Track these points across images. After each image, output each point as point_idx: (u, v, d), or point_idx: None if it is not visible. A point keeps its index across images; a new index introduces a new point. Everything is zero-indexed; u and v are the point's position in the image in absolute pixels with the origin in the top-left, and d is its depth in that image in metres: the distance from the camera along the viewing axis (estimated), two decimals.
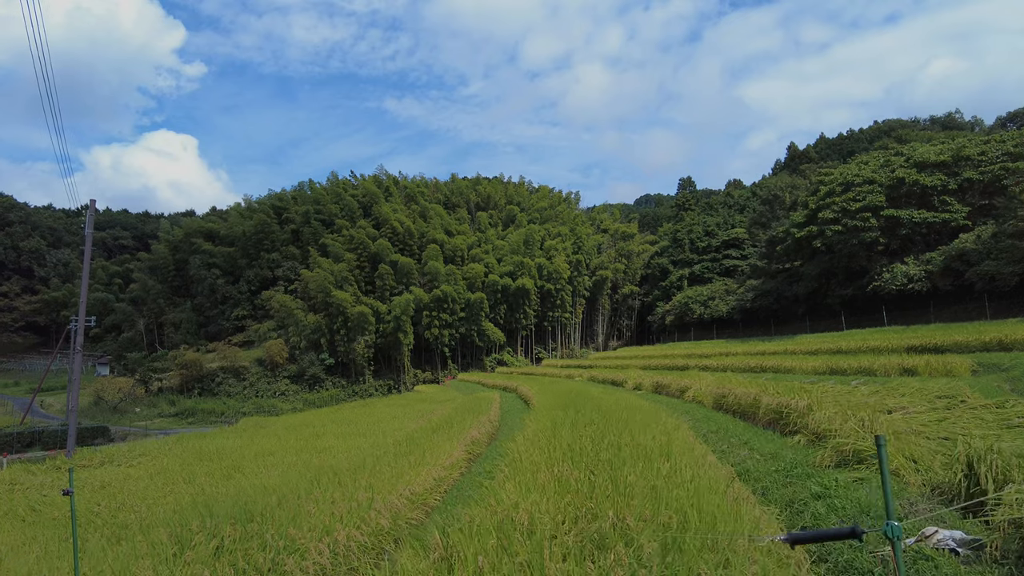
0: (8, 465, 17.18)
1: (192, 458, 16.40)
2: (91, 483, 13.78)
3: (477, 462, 13.25)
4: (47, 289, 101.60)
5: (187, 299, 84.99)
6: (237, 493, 11.91)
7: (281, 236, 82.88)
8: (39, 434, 46.12)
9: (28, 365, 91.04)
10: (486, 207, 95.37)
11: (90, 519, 10.37)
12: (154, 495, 12.34)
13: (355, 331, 68.52)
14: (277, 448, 17.48)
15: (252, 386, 66.28)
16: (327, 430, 22.08)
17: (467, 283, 75.00)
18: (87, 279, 23.02)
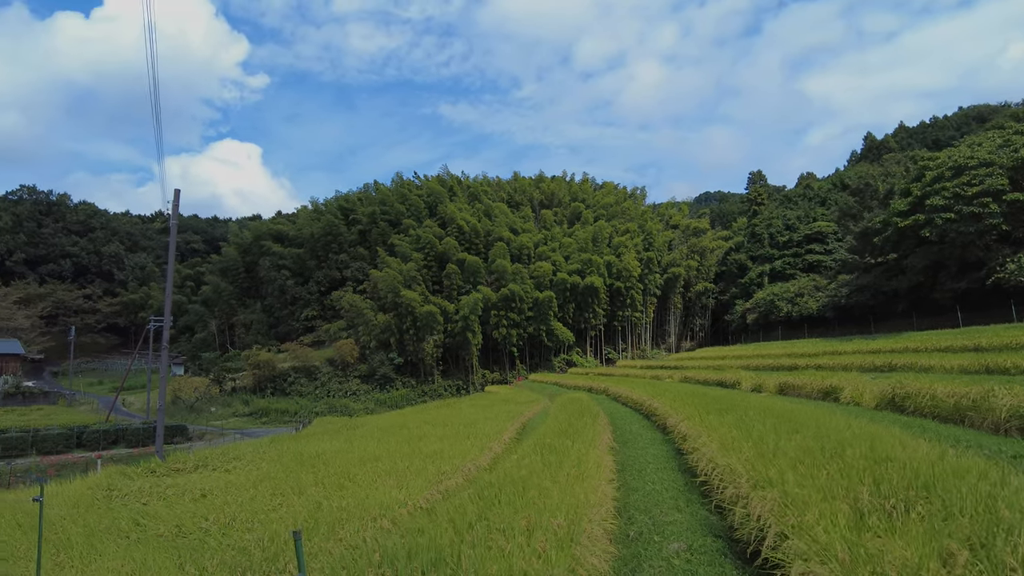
0: (102, 467, 16.26)
1: (293, 463, 14.97)
2: (190, 491, 12.42)
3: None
4: (126, 292, 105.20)
5: (257, 300, 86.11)
6: (359, 507, 10.24)
7: (349, 237, 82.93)
8: (123, 431, 46.70)
9: (110, 365, 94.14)
10: (550, 204, 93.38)
11: (202, 539, 8.83)
12: (263, 507, 10.80)
13: (424, 331, 67.59)
14: (382, 453, 15.90)
15: (324, 386, 66.13)
16: (424, 432, 20.47)
17: (534, 282, 73.15)
18: (172, 271, 22.13)
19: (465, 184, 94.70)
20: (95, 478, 14.15)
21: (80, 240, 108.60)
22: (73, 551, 8.06)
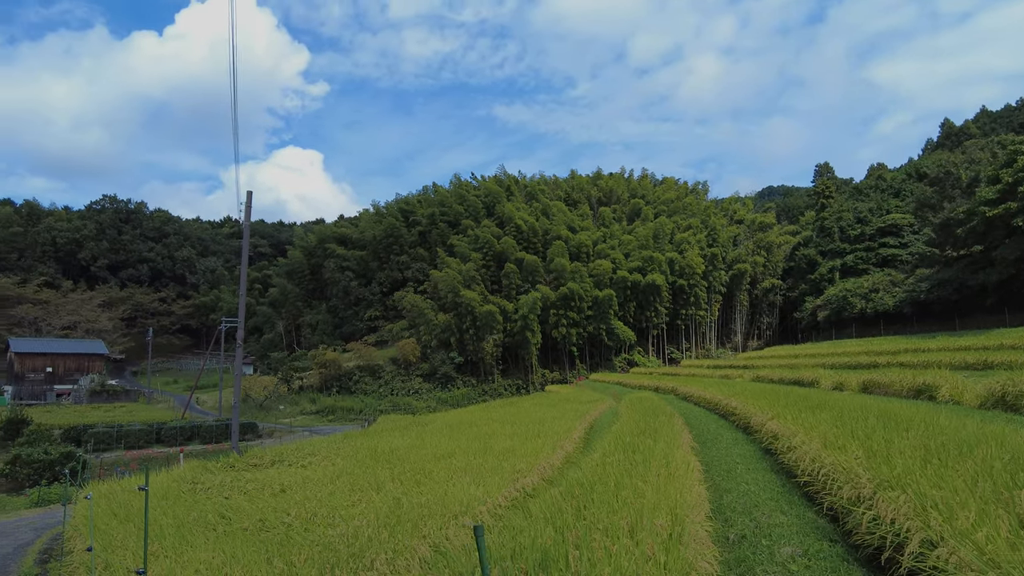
0: (184, 461, 16.74)
1: (368, 459, 14.99)
2: (270, 486, 12.52)
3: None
4: (197, 294, 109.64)
5: (322, 301, 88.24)
6: (439, 504, 10.05)
7: (409, 238, 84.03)
8: (198, 428, 48.55)
9: (183, 364, 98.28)
10: (608, 202, 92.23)
11: (285, 534, 8.76)
12: (342, 503, 10.75)
13: (483, 330, 67.73)
14: (454, 449, 15.75)
15: (387, 384, 67.11)
16: (492, 430, 20.27)
17: (594, 280, 72.29)
18: (245, 271, 22.65)
19: (522, 184, 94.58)
20: (179, 471, 14.50)
21: (156, 246, 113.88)
22: (166, 541, 8.13)
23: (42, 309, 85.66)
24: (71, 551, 8.92)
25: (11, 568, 9.61)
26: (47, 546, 11.05)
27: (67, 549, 9.09)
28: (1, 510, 18.52)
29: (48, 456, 34.61)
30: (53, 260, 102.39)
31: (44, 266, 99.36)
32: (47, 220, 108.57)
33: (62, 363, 69.64)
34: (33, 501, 18.86)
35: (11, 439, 41.85)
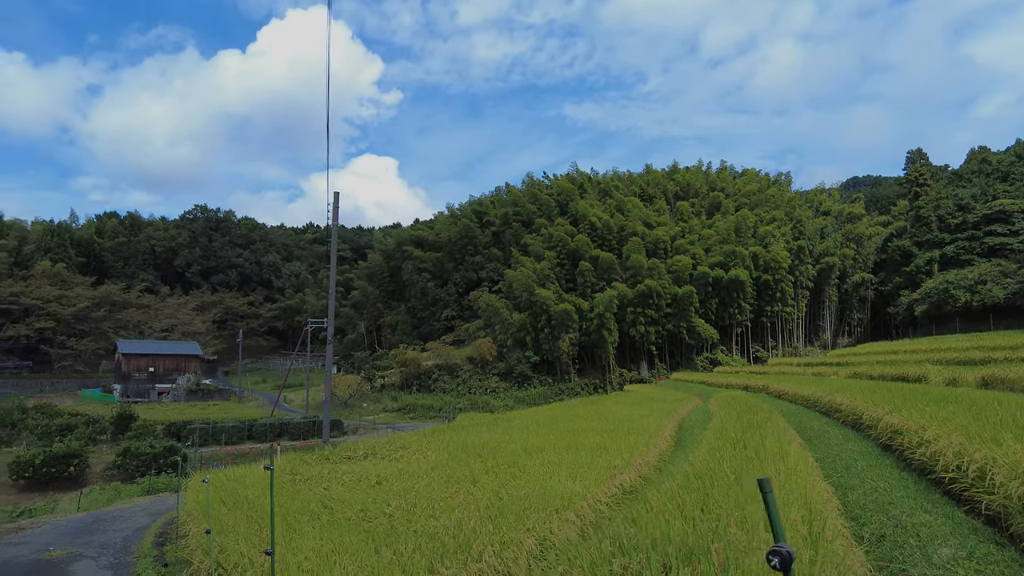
0: (282, 453, 17.27)
1: (459, 452, 14.93)
2: (366, 477, 12.59)
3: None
4: (283, 298, 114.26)
5: (401, 302, 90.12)
6: (539, 498, 9.76)
7: (483, 239, 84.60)
8: (286, 425, 50.36)
9: (270, 364, 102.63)
10: (686, 196, 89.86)
11: (388, 524, 8.67)
12: (440, 495, 10.62)
13: (558, 329, 67.27)
14: (544, 445, 15.47)
15: (465, 383, 67.73)
16: (578, 426, 19.90)
17: (673, 277, 70.51)
18: (334, 270, 23.15)
19: (595, 181, 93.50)
20: (277, 463, 14.86)
21: (244, 252, 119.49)
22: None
23: (144, 313, 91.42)
24: (186, 534, 9.17)
25: (132, 549, 10.02)
26: (162, 530, 11.49)
27: (182, 532, 9.38)
28: (118, 497, 19.63)
29: (153, 450, 36.75)
30: (152, 267, 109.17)
31: (145, 273, 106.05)
32: (147, 230, 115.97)
33: (162, 363, 73.98)
34: (144, 489, 19.90)
35: (121, 433, 44.82)
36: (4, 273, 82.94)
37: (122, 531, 11.61)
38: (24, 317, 79.65)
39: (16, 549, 10.39)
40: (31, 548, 10.37)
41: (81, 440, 40.57)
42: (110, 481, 34.25)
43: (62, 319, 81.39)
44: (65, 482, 34.94)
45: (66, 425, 45.31)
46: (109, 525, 12.28)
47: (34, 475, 34.22)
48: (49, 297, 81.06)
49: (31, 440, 42.37)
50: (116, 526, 12.05)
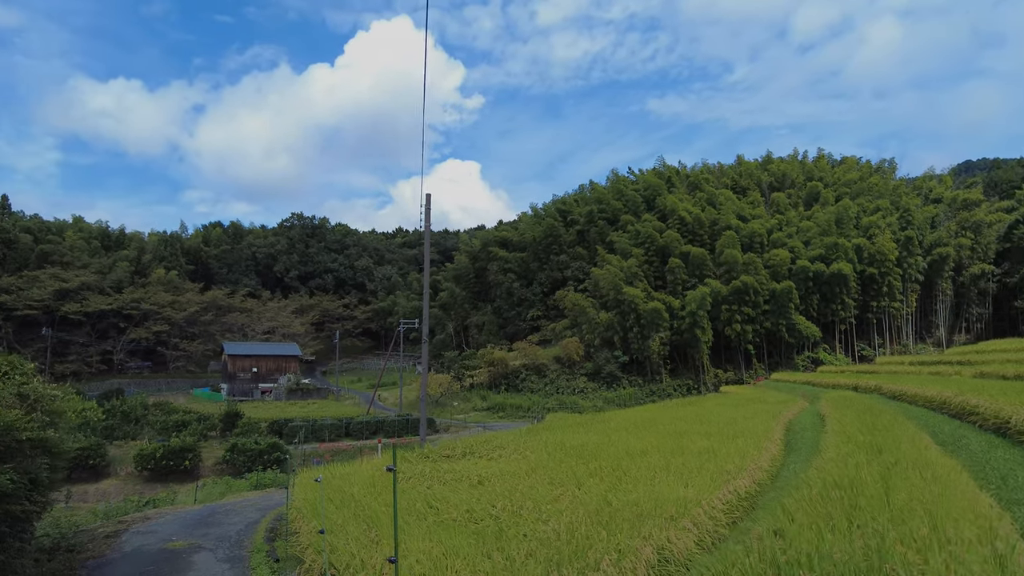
0: (383, 451, 17.51)
1: (558, 453, 14.56)
2: (467, 477, 12.40)
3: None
4: (376, 300, 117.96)
5: (487, 303, 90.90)
6: (651, 504, 9.21)
7: (567, 238, 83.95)
8: (382, 423, 51.64)
9: (365, 364, 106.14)
10: (781, 187, 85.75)
11: (495, 526, 8.36)
12: (544, 497, 10.28)
13: (648, 328, 65.64)
14: (647, 447, 14.85)
15: (552, 383, 67.33)
16: (680, 428, 19.06)
17: (770, 272, 67.36)
18: (427, 268, 23.32)
19: (683, 174, 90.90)
20: (379, 461, 14.99)
21: (338, 257, 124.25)
22: (382, 529, 8.08)
23: (247, 316, 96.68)
24: (296, 531, 9.26)
25: (245, 543, 10.26)
26: (272, 525, 11.75)
27: (292, 529, 9.49)
28: (229, 491, 20.53)
29: (258, 446, 38.53)
30: (254, 273, 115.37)
31: (247, 278, 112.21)
32: (248, 238, 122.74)
33: (264, 364, 77.91)
34: (252, 484, 20.71)
35: (228, 430, 47.36)
36: (126, 281, 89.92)
37: (235, 525, 11.96)
38: (143, 321, 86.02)
39: (144, 538, 10.87)
40: (157, 538, 10.81)
41: (194, 436, 43.18)
42: (220, 475, 36.18)
43: (175, 323, 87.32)
44: (181, 474, 37.24)
45: (181, 421, 48.41)
46: (223, 518, 12.70)
47: (155, 467, 36.71)
48: (164, 302, 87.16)
49: (152, 435, 45.53)
50: (229, 520, 12.44)
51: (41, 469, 7.99)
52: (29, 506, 7.94)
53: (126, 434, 46.19)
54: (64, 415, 8.74)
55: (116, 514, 15.63)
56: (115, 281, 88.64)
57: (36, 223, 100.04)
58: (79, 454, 36.27)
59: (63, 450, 9.19)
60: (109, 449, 39.64)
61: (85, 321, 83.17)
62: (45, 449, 8.51)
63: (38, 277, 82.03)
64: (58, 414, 8.39)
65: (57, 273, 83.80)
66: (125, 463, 38.75)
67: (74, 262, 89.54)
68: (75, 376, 76.39)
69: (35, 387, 7.78)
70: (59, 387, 9.53)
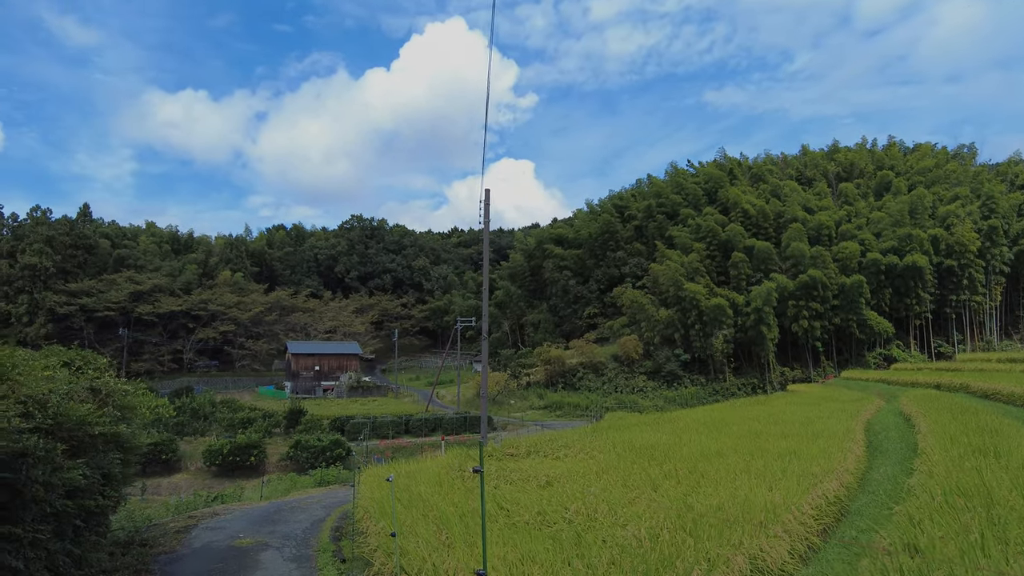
0: (447, 448, 17.29)
1: (628, 453, 13.94)
2: (535, 477, 11.93)
3: None
4: (433, 299, 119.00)
5: (543, 301, 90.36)
6: (738, 509, 8.53)
7: (624, 234, 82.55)
8: (439, 420, 51.88)
9: (422, 362, 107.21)
10: (849, 177, 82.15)
11: (577, 533, 7.83)
12: (618, 500, 9.72)
13: (711, 325, 63.81)
14: (722, 448, 14.09)
15: (610, 381, 66.29)
16: (754, 429, 18.15)
17: (839, 265, 64.50)
18: (487, 264, 22.99)
19: (744, 166, 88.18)
20: (443, 459, 14.70)
21: (396, 257, 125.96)
22: (453, 530, 7.70)
23: (309, 316, 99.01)
24: (364, 532, 9.00)
25: (311, 542, 10.10)
26: (337, 524, 11.58)
27: (359, 529, 9.25)
28: (294, 487, 20.71)
29: (320, 443, 39.12)
30: (316, 274, 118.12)
31: (309, 279, 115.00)
32: (310, 240, 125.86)
33: (326, 362, 79.52)
34: (316, 481, 20.83)
35: (292, 427, 48.41)
36: (194, 283, 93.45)
37: (301, 523, 11.84)
38: (211, 321, 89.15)
39: (213, 534, 10.85)
40: (225, 534, 10.77)
41: (259, 432, 44.29)
42: (284, 471, 36.90)
43: (241, 323, 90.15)
44: (247, 470, 38.18)
45: (247, 418, 49.79)
46: (289, 516, 12.62)
47: (223, 463, 37.75)
48: (230, 303, 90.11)
49: (219, 431, 46.97)
50: (295, 517, 12.34)
51: (114, 464, 7.95)
52: (103, 500, 7.89)
53: (195, 430, 47.80)
54: (136, 410, 8.73)
55: (186, 509, 15.89)
56: (184, 283, 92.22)
57: (113, 229, 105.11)
58: (152, 449, 37.64)
59: (135, 445, 9.19)
60: (180, 445, 41.02)
61: (157, 322, 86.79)
62: (118, 444, 8.49)
63: (115, 280, 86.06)
64: (130, 409, 8.38)
65: (132, 276, 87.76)
66: (194, 458, 40.02)
67: (147, 265, 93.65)
68: (148, 374, 79.90)
69: (107, 381, 7.76)
70: (131, 383, 9.56)
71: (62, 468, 5.80)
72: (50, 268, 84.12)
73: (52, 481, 5.67)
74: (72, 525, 7.04)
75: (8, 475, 5.07)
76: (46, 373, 6.30)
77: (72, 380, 7.08)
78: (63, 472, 5.82)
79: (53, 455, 5.66)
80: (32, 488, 5.40)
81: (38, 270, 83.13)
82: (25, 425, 5.38)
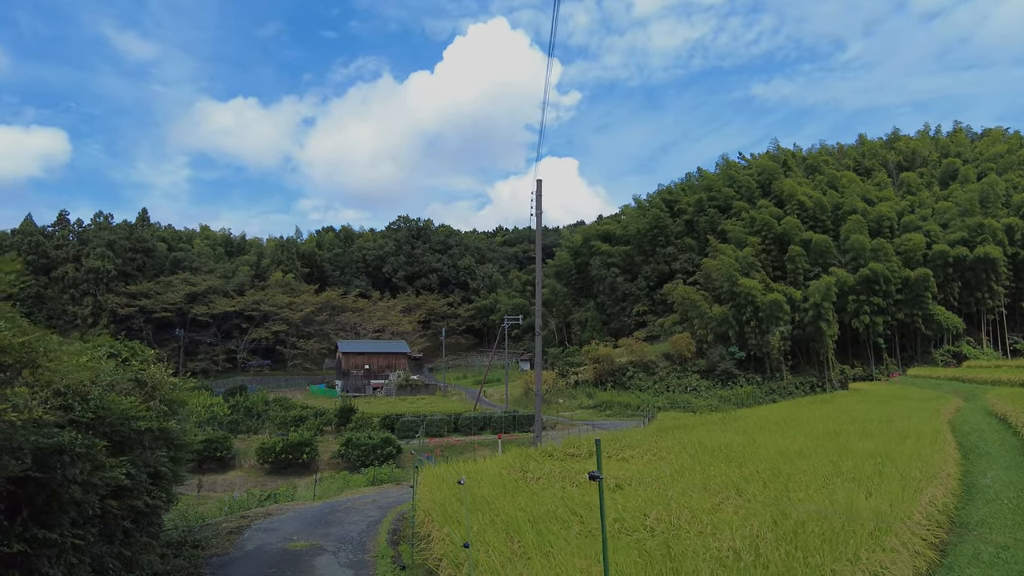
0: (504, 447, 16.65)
1: (700, 454, 13.00)
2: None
3: None
4: (478, 298, 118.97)
5: (589, 299, 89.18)
6: (843, 517, 7.56)
7: (674, 229, 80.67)
8: (488, 419, 51.38)
9: (469, 361, 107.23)
10: (911, 166, 78.48)
11: (666, 544, 6.98)
12: (700, 505, 8.80)
13: (767, 322, 61.61)
14: (802, 448, 13.01)
15: (662, 380, 64.70)
16: (831, 428, 16.93)
17: (902, 258, 61.52)
18: (540, 253, 22.22)
19: (799, 157, 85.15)
20: (503, 458, 14.00)
21: (442, 257, 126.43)
22: (525, 538, 6.96)
23: (359, 316, 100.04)
24: (426, 536, 8.36)
25: (368, 546, 9.53)
26: (394, 526, 11.00)
27: (419, 534, 8.62)
28: (347, 486, 20.36)
29: (371, 441, 39.01)
30: (364, 274, 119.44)
31: (358, 280, 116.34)
32: (358, 241, 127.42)
33: (375, 361, 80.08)
34: (369, 480, 20.45)
35: (343, 425, 48.62)
36: (247, 284, 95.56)
37: (356, 524, 11.30)
38: (263, 321, 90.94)
39: (265, 536, 10.40)
40: (278, 536, 10.30)
41: (311, 430, 44.55)
42: (335, 469, 36.88)
43: (292, 323, 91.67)
44: (299, 468, 38.35)
45: (299, 416, 50.25)
46: (343, 517, 12.10)
47: (275, 460, 38.01)
48: (282, 304, 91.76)
49: (272, 429, 47.48)
50: (350, 518, 11.82)
51: (162, 462, 7.50)
52: (152, 500, 7.44)
53: (249, 428, 48.46)
54: (184, 405, 8.27)
55: (239, 508, 15.62)
56: (237, 284, 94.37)
57: (170, 232, 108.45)
58: (206, 446, 38.25)
59: (185, 442, 8.76)
60: (234, 442, 41.52)
61: (211, 322, 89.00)
62: (167, 441, 8.04)
63: (171, 282, 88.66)
64: (179, 403, 7.91)
65: (187, 278, 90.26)
66: (248, 456, 40.43)
67: (201, 267, 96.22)
68: (203, 373, 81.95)
69: (153, 373, 7.29)
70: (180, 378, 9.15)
71: (103, 466, 5.31)
72: (111, 271, 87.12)
73: (92, 480, 5.17)
74: (121, 527, 6.58)
75: (41, 474, 4.57)
76: (83, 360, 5.83)
77: (116, 371, 6.60)
78: (104, 471, 5.32)
79: (93, 452, 5.17)
80: (69, 489, 4.89)
81: (101, 273, 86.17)
82: (61, 418, 4.88)
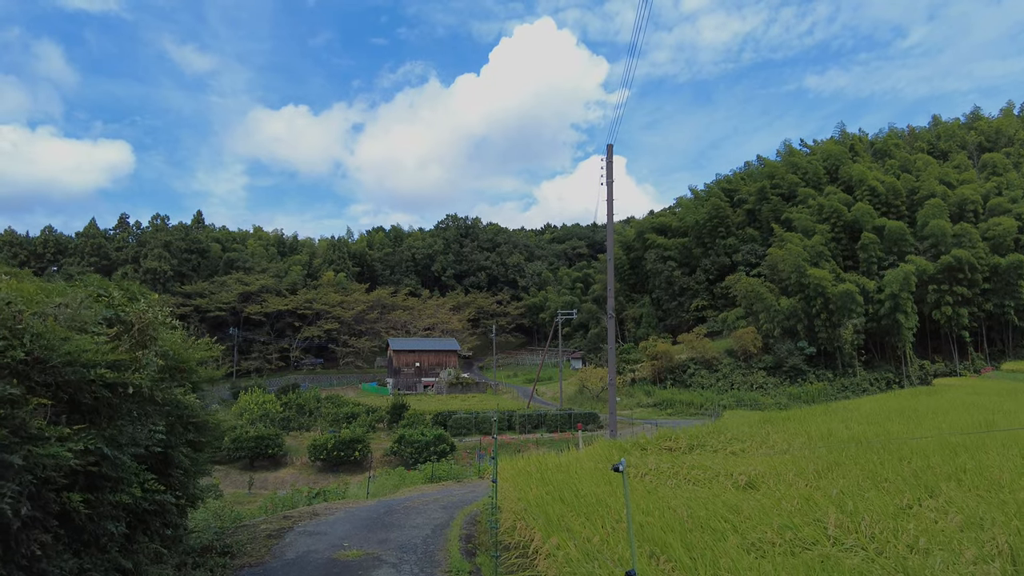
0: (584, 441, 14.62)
1: (835, 447, 10.55)
2: (726, 476, 9.00)
3: None
4: (527, 296, 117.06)
5: (644, 294, 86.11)
6: None
7: (735, 219, 76.97)
8: (543, 417, 49.39)
9: (520, 359, 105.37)
10: (995, 146, 72.83)
11: (867, 567, 4.75)
12: (881, 509, 6.44)
13: (838, 314, 57.66)
14: (965, 442, 10.44)
15: (726, 378, 61.39)
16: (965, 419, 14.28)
17: (989, 244, 56.79)
18: (611, 233, 20.03)
19: (866, 142, 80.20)
20: (591, 451, 11.89)
21: (490, 255, 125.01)
22: (674, 553, 4.83)
23: (409, 314, 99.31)
24: (519, 545, 6.32)
25: (436, 556, 7.54)
26: (466, 531, 9.00)
27: (506, 541, 6.61)
28: (402, 483, 18.60)
29: (424, 437, 37.40)
30: (414, 273, 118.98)
31: (408, 278, 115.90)
32: (407, 240, 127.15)
33: (426, 359, 78.96)
34: (427, 477, 18.65)
35: (395, 422, 47.33)
36: (300, 283, 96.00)
37: (418, 528, 9.33)
38: (315, 320, 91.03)
39: (311, 541, 8.55)
40: (326, 542, 8.42)
41: (363, 427, 43.28)
42: (389, 467, 35.37)
43: (344, 321, 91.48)
44: (351, 465, 37.04)
45: (351, 413, 49.17)
46: (403, 519, 10.16)
47: (327, 457, 36.79)
48: (333, 303, 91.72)
49: (324, 426, 46.46)
50: (411, 521, 9.85)
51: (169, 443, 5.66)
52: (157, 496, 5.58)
53: (301, 425, 47.62)
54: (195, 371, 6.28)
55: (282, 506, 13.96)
56: (290, 284, 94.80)
57: (223, 233, 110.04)
58: (258, 443, 37.36)
59: (208, 422, 6.90)
60: (285, 439, 40.58)
61: (265, 321, 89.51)
62: (180, 418, 6.20)
63: (226, 282, 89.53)
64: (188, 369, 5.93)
65: (241, 277, 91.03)
66: (300, 453, 39.37)
67: (255, 267, 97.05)
68: (257, 372, 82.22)
69: (142, 311, 5.20)
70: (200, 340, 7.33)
71: (34, 437, 3.39)
72: (168, 272, 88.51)
73: (9, 460, 3.27)
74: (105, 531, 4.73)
75: None
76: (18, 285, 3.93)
77: (82, 303, 4.56)
78: (41, 444, 3.41)
79: (17, 411, 3.26)
80: None
81: (158, 273, 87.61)
82: None
